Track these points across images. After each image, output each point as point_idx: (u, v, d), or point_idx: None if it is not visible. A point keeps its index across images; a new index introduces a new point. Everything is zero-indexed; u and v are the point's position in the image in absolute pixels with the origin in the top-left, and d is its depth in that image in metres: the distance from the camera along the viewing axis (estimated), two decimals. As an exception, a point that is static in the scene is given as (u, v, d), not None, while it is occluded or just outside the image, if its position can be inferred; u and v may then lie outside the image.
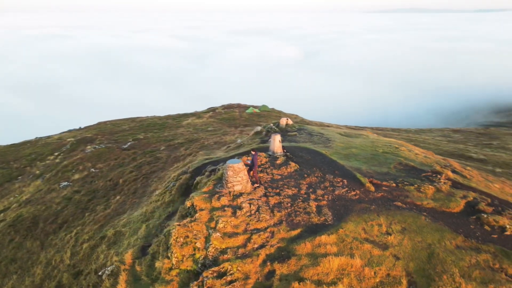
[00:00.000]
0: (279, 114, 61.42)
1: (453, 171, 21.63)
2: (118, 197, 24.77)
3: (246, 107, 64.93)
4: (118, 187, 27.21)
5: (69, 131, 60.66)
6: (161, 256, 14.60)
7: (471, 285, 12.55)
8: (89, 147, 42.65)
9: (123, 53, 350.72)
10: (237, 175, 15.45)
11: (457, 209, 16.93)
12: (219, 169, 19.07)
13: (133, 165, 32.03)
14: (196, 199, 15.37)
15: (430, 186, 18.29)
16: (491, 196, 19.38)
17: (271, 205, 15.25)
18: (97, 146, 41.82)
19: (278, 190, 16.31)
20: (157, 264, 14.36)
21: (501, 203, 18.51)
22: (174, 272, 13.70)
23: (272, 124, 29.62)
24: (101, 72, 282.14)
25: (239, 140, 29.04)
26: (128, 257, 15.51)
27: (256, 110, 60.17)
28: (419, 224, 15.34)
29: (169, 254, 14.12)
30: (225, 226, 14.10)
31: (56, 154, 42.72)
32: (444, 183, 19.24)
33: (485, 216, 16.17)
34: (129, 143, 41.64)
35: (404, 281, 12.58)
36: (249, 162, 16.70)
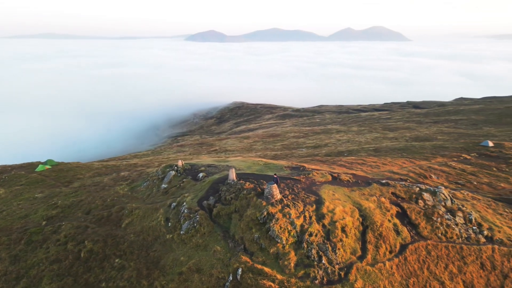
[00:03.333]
0: (70, 164, 62.12)
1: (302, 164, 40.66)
2: (117, 260, 27.52)
3: (24, 166, 60.44)
4: (93, 256, 28.25)
5: None
6: (269, 246, 24.90)
7: (370, 199, 31.49)
8: None
9: None
10: (276, 190, 27.55)
11: (330, 178, 35.73)
12: (231, 197, 29.18)
13: (55, 239, 31.44)
14: (270, 208, 26.33)
15: (313, 172, 36.22)
16: (325, 169, 39.67)
17: (292, 199, 28.47)
18: None
19: (284, 193, 29.37)
20: (271, 250, 24.77)
21: (331, 171, 39.03)
22: (286, 247, 24.92)
23: (176, 166, 38.29)
24: None
25: (163, 186, 35.79)
26: (245, 258, 24.41)
27: (48, 166, 58.29)
28: (333, 188, 32.92)
29: (278, 240, 24.92)
30: (293, 214, 26.43)
31: None
32: (311, 170, 37.74)
33: (341, 177, 35.83)
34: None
35: (356, 209, 29.91)
36: (273, 181, 28.51)
